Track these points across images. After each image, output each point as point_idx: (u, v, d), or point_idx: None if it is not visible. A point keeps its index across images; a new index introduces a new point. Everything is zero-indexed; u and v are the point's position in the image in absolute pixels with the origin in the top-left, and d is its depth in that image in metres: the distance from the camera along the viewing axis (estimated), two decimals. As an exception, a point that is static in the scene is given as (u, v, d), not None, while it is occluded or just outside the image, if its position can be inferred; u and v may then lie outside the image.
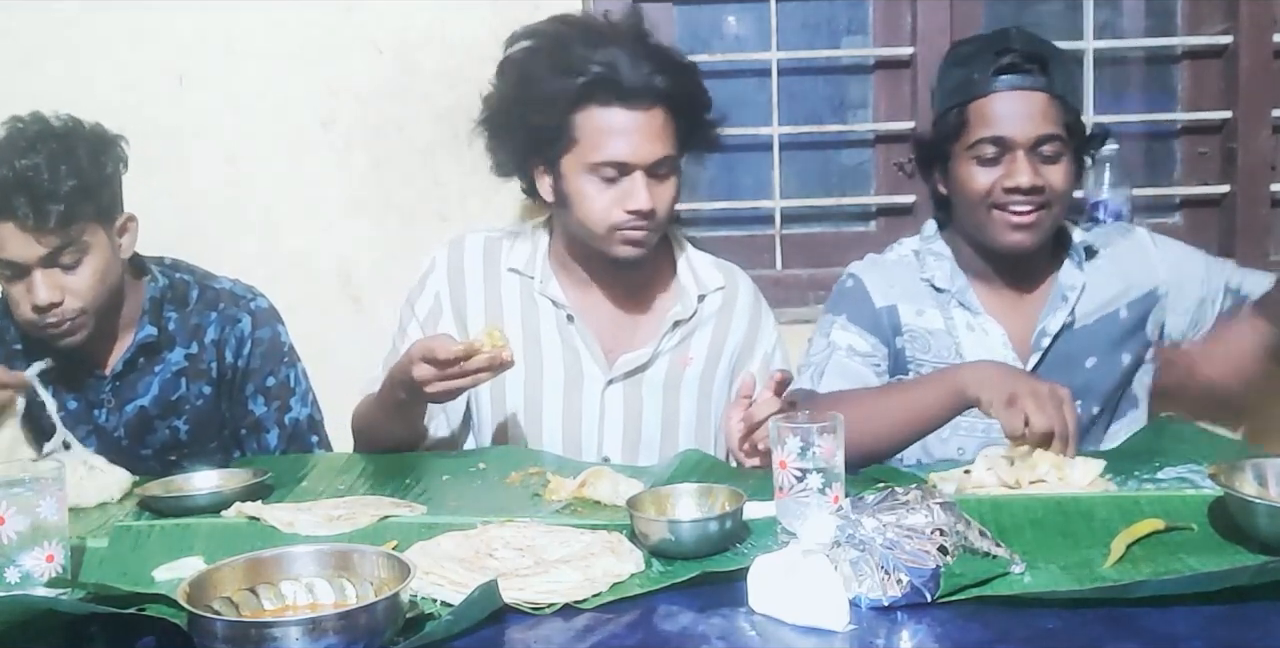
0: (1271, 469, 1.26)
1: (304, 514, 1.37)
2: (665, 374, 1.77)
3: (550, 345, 1.76)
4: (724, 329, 1.81)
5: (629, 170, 1.63)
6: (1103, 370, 1.76)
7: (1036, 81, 1.63)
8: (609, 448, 1.76)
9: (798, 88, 2.31)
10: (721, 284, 1.82)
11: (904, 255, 1.83)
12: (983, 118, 1.65)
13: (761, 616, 1.06)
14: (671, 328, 1.76)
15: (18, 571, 1.15)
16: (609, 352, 1.76)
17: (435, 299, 1.79)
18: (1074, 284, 1.75)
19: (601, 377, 1.75)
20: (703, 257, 1.84)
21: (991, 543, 1.13)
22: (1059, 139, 1.64)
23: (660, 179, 1.65)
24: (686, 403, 1.78)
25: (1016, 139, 1.63)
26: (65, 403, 1.78)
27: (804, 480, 1.21)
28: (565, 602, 1.09)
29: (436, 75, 2.15)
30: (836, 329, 1.76)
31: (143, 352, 1.78)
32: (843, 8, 2.31)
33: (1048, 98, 1.63)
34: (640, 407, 1.76)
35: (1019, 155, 1.63)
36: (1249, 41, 2.18)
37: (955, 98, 1.68)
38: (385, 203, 2.19)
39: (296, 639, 0.95)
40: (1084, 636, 1.00)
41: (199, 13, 2.12)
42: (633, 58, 1.60)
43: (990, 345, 1.74)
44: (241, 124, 2.16)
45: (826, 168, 2.37)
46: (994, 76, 1.64)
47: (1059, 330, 1.74)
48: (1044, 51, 1.66)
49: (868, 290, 1.78)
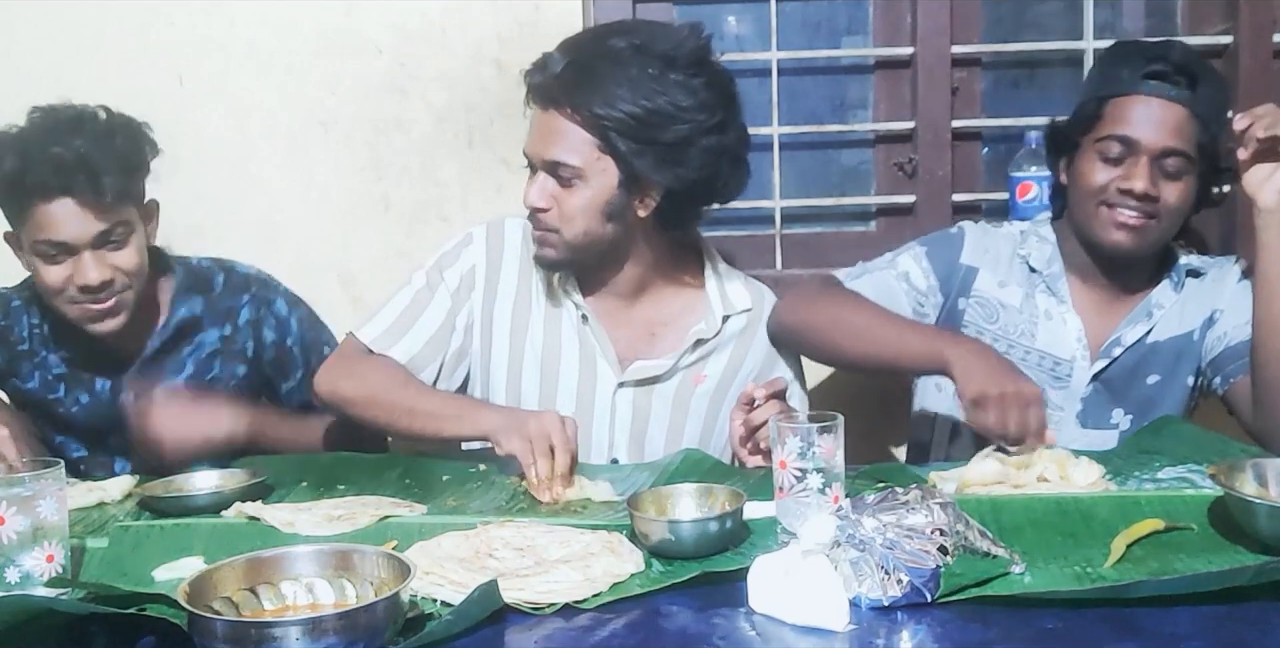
0: (1271, 469, 1.26)
1: (304, 514, 1.37)
2: (676, 389, 1.76)
3: (569, 341, 1.75)
4: (743, 352, 1.78)
5: (533, 169, 1.66)
6: (1163, 390, 1.75)
7: (1180, 94, 1.61)
8: (618, 450, 1.75)
9: (798, 88, 2.31)
10: (749, 306, 1.78)
11: (1011, 232, 1.83)
12: (1118, 116, 1.64)
13: (761, 616, 1.06)
14: (692, 346, 1.75)
15: (17, 571, 1.15)
16: (624, 357, 1.75)
17: (470, 273, 1.75)
18: (1163, 303, 1.74)
19: (613, 378, 1.74)
20: (734, 275, 1.81)
21: (991, 543, 1.13)
22: (1185, 156, 1.62)
23: (562, 184, 1.63)
24: (693, 420, 1.76)
25: (1144, 143, 1.62)
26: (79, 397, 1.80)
27: (804, 480, 1.21)
28: (565, 602, 1.09)
29: (436, 75, 2.15)
30: (907, 255, 1.80)
31: (180, 334, 1.79)
32: (843, 8, 2.32)
33: (1187, 112, 1.62)
34: (648, 415, 1.76)
35: (1142, 160, 1.62)
36: (1249, 41, 2.18)
37: (1099, 90, 1.68)
38: (385, 203, 2.19)
39: (296, 639, 0.95)
40: (1084, 636, 1.00)
41: (199, 13, 2.12)
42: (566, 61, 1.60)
43: (1065, 337, 1.75)
44: (241, 124, 2.16)
45: (826, 168, 2.38)
46: (1141, 79, 1.63)
47: (1132, 343, 1.74)
48: (1198, 70, 1.64)
49: (963, 244, 1.80)
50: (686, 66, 1.59)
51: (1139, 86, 1.63)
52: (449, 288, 1.74)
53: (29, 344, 1.80)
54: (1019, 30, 2.30)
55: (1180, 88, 1.62)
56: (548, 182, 1.63)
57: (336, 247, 2.20)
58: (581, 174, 1.61)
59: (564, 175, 1.62)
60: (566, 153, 1.61)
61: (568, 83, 1.58)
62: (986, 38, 2.27)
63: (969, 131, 2.27)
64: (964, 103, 2.24)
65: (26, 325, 1.80)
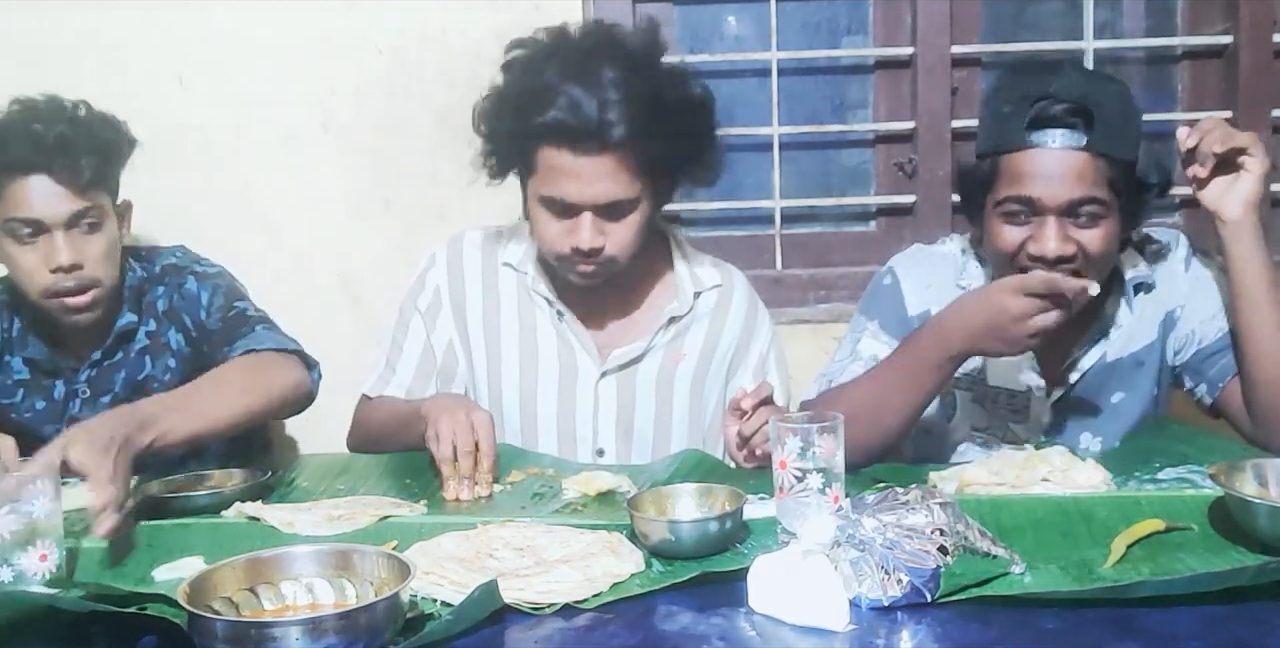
0: (1271, 469, 1.26)
1: (304, 514, 1.37)
2: (658, 370, 1.77)
3: (545, 339, 1.77)
4: (719, 327, 1.81)
5: (576, 211, 1.61)
6: (1128, 405, 1.68)
7: (1075, 139, 1.46)
8: (603, 440, 1.77)
9: (798, 88, 2.32)
10: (718, 282, 1.82)
11: (950, 252, 1.73)
12: (1012, 175, 1.50)
13: (761, 616, 1.06)
14: (666, 324, 1.76)
15: (11, 570, 1.15)
16: (603, 346, 1.77)
17: (435, 294, 1.80)
18: (1119, 323, 1.65)
19: (595, 369, 1.76)
20: (700, 256, 1.85)
21: (991, 543, 1.13)
22: (1097, 201, 1.48)
23: (614, 219, 1.62)
24: (679, 400, 1.78)
25: (1045, 202, 1.48)
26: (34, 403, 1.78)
27: (804, 480, 1.21)
28: (565, 602, 1.09)
29: (436, 75, 2.15)
30: (867, 337, 1.70)
31: (120, 340, 1.77)
32: (843, 8, 2.31)
33: (1088, 157, 1.46)
34: (633, 401, 1.77)
35: (1049, 221, 1.48)
36: (1249, 41, 2.18)
37: (987, 146, 1.55)
38: (385, 203, 2.19)
39: (296, 639, 0.95)
40: (1084, 636, 1.00)
41: (199, 13, 2.12)
42: (591, 99, 1.54)
43: (1016, 363, 1.66)
44: (241, 124, 2.16)
45: (826, 168, 2.37)
46: (1028, 130, 1.48)
47: (1090, 366, 1.66)
48: (1090, 99, 1.47)
49: (903, 294, 1.70)
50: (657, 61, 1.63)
51: (1027, 140, 1.48)
52: (420, 314, 1.80)
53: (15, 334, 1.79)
54: (1019, 30, 2.30)
55: (1076, 130, 1.47)
56: (598, 222, 1.62)
57: (336, 247, 2.20)
58: (635, 203, 1.63)
59: (619, 211, 1.62)
60: (623, 189, 1.60)
61: (613, 125, 1.55)
62: (986, 38, 2.27)
63: (969, 131, 2.26)
64: (964, 103, 2.24)
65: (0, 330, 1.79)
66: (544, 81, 1.58)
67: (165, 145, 1.86)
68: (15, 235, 1.64)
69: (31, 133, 1.62)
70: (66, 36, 2.11)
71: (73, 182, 1.63)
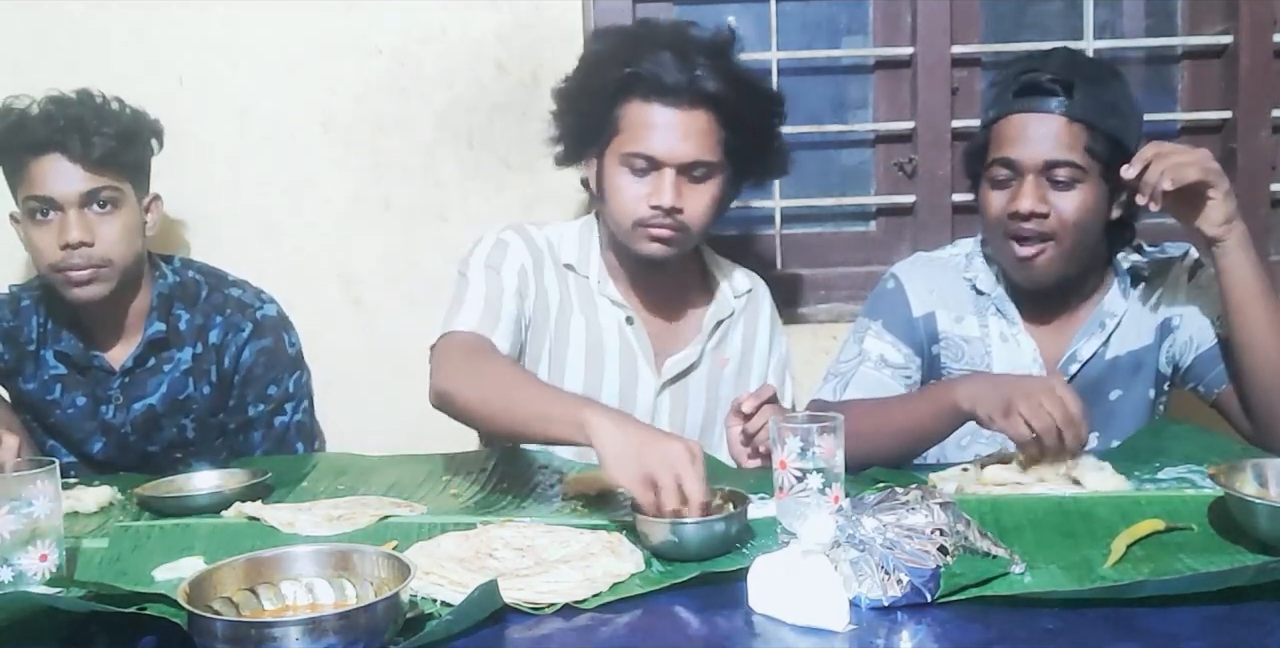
0: (1271, 469, 1.26)
1: (304, 514, 1.37)
2: (708, 376, 1.79)
3: (610, 347, 1.75)
4: (753, 330, 1.84)
5: (659, 166, 1.62)
6: (1126, 404, 1.72)
7: (1054, 104, 1.57)
8: None
9: (798, 88, 2.31)
10: (750, 287, 1.86)
11: (955, 256, 1.80)
12: (998, 139, 1.62)
13: (761, 616, 1.06)
14: (714, 328, 1.78)
15: (11, 570, 1.15)
16: (657, 352, 1.76)
17: (523, 272, 1.70)
18: (1114, 312, 1.70)
19: (654, 380, 1.75)
20: (725, 261, 1.87)
21: (991, 543, 1.13)
22: (1072, 165, 1.57)
23: (695, 181, 1.63)
24: (724, 403, 1.75)
25: (1023, 162, 1.59)
26: (74, 400, 1.79)
27: (804, 480, 1.21)
28: (565, 602, 1.09)
29: (436, 75, 2.15)
30: (870, 337, 1.74)
31: (152, 349, 1.79)
32: (843, 8, 2.31)
33: (1065, 121, 1.57)
34: (685, 408, 1.78)
35: (1027, 179, 1.59)
36: (1249, 41, 2.18)
37: (983, 119, 1.68)
38: (385, 203, 2.19)
39: (296, 639, 0.95)
40: (1084, 636, 1.00)
41: (199, 13, 2.12)
42: (683, 59, 1.60)
43: (1020, 359, 1.71)
44: (241, 124, 2.16)
45: (826, 168, 2.37)
46: (1014, 97, 1.61)
47: (1089, 358, 1.71)
48: (1073, 73, 1.59)
49: (907, 296, 1.75)
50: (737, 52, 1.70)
51: (1012, 106, 1.61)
52: (510, 284, 1.68)
53: (35, 345, 1.81)
54: (1019, 30, 2.30)
55: (1055, 95, 1.57)
56: (680, 182, 1.63)
57: (337, 247, 2.20)
58: (715, 171, 1.65)
59: (698, 174, 1.64)
60: (708, 151, 1.63)
61: (704, 80, 1.60)
62: (986, 38, 2.27)
63: (969, 131, 2.26)
64: (964, 103, 2.23)
65: (35, 325, 1.81)
66: (635, 41, 1.64)
67: (166, 145, 1.86)
68: (32, 214, 1.70)
69: (46, 112, 1.69)
70: (67, 36, 2.11)
71: (84, 158, 1.67)
